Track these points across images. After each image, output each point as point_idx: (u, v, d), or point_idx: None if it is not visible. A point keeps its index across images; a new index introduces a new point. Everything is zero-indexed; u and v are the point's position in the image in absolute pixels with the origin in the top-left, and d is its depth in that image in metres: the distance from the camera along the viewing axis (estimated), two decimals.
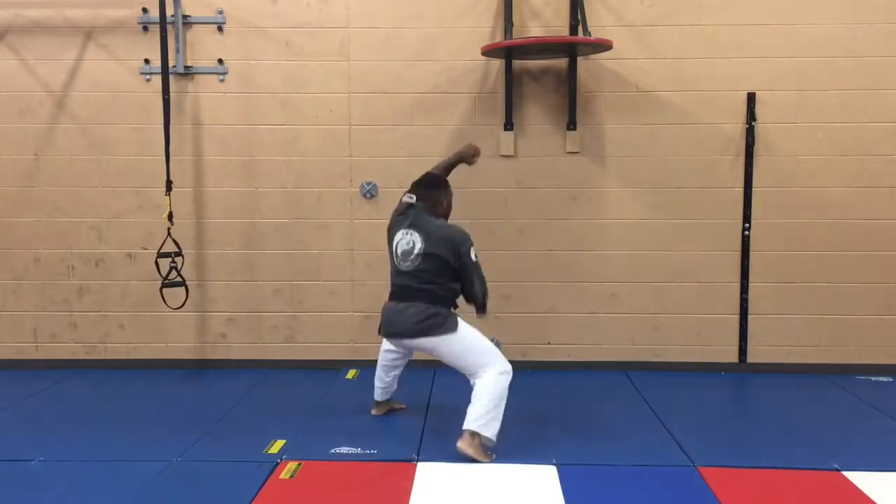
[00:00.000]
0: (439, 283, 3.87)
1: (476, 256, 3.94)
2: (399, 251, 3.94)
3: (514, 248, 5.22)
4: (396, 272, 3.97)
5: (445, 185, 4.10)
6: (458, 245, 3.86)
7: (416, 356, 5.27)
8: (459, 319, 3.91)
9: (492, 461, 3.67)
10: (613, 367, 5.22)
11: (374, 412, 4.34)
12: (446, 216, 4.08)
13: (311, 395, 4.69)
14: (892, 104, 5.03)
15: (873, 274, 5.13)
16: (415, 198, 4.02)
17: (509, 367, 3.85)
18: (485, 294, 3.98)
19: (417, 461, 3.65)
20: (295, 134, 5.19)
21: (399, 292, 3.95)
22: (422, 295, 3.86)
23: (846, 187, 5.09)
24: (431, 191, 4.04)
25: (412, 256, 3.88)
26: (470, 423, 3.71)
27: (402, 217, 4.02)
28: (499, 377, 3.78)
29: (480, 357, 3.83)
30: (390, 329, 3.99)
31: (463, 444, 3.68)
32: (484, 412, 3.71)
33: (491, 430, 3.71)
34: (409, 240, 3.91)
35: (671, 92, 5.09)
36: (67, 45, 5.16)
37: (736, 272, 5.17)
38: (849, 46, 5.01)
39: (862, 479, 3.44)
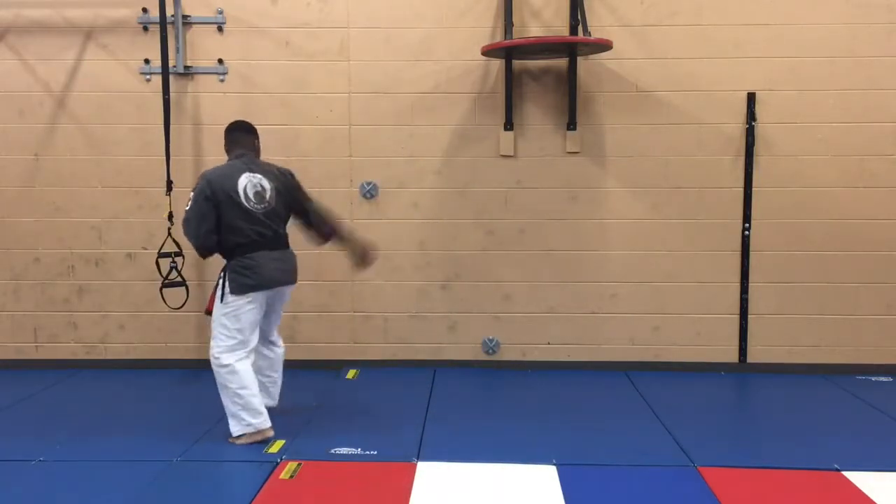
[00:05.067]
0: (285, 224, 4.01)
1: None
2: (250, 193, 3.82)
3: (514, 248, 5.22)
4: (250, 220, 3.81)
5: (255, 131, 4.14)
6: (290, 175, 4.05)
7: (419, 356, 5.29)
8: None
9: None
10: (613, 367, 5.22)
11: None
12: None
13: (311, 395, 4.69)
14: (892, 104, 5.03)
15: (873, 274, 5.13)
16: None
17: None
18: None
19: (417, 461, 3.65)
20: (295, 134, 5.19)
21: (271, 240, 3.88)
22: (285, 240, 3.99)
23: (846, 187, 5.09)
24: (251, 136, 4.08)
25: (268, 197, 3.88)
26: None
27: (233, 166, 3.91)
28: None
29: None
30: (282, 277, 3.93)
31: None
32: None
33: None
34: (256, 182, 3.87)
35: (671, 92, 5.09)
36: (67, 45, 5.16)
37: (736, 272, 5.17)
38: (849, 46, 5.01)
39: (862, 479, 3.44)
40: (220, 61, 5.15)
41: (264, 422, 3.86)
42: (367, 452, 3.75)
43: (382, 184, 5.20)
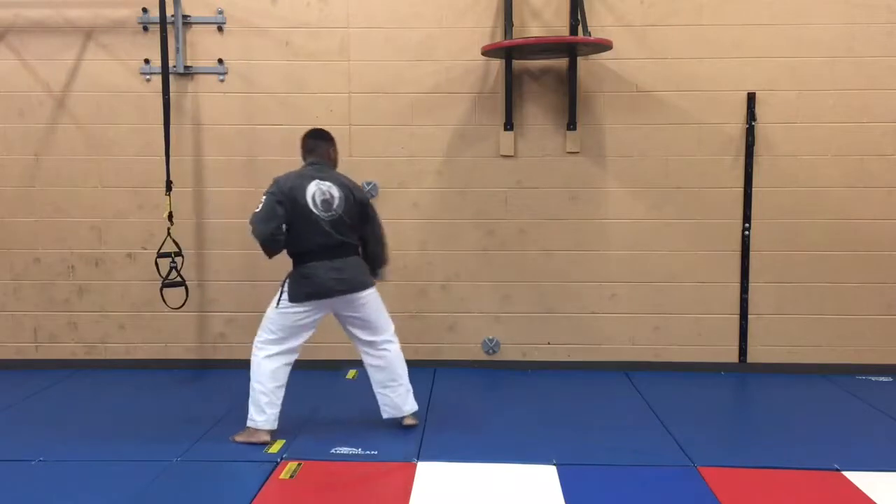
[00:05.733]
0: (356, 234, 3.98)
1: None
2: (318, 201, 3.84)
3: (514, 248, 5.22)
4: (314, 229, 3.82)
5: (331, 138, 4.13)
6: (363, 194, 4.06)
7: (419, 356, 5.28)
8: None
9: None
10: (613, 367, 5.22)
11: (265, 441, 3.87)
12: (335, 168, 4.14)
13: (311, 395, 4.69)
14: (892, 104, 5.03)
15: (873, 274, 5.13)
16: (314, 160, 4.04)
17: None
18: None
19: (417, 461, 3.65)
20: (295, 134, 5.14)
21: (333, 249, 3.86)
22: (352, 249, 3.96)
23: (846, 187, 5.09)
24: (325, 143, 4.07)
25: (335, 205, 3.86)
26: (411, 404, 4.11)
27: (304, 173, 3.94)
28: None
29: (388, 319, 4.10)
30: (337, 286, 3.84)
31: None
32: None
33: None
34: (326, 189, 3.88)
35: (671, 92, 5.09)
36: (67, 45, 5.16)
37: (736, 272, 5.17)
38: (849, 46, 5.01)
39: (862, 479, 3.44)
40: (220, 61, 5.15)
41: (263, 424, 3.85)
42: (367, 452, 3.75)
43: (382, 184, 5.19)
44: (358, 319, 3.99)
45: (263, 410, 3.85)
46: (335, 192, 3.88)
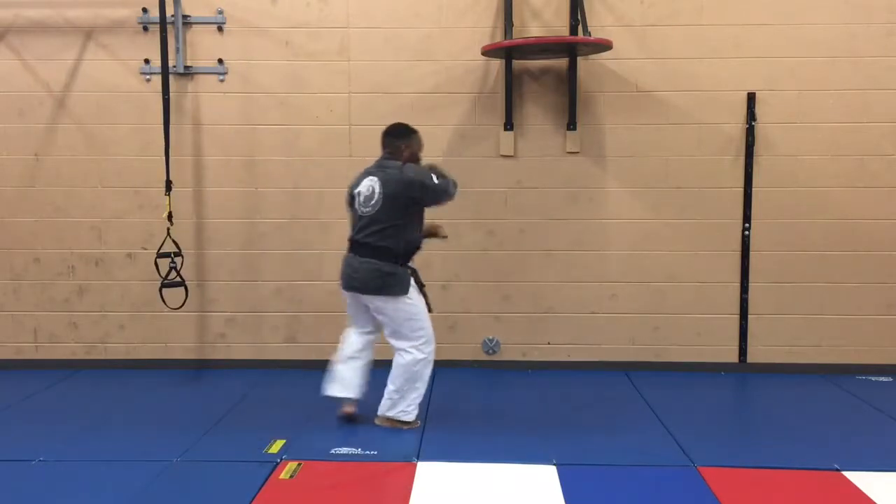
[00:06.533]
0: (396, 235, 3.92)
1: (439, 177, 3.97)
2: (361, 197, 3.99)
3: (514, 248, 5.22)
4: (354, 222, 4.06)
5: (407, 134, 4.10)
6: (414, 180, 3.90)
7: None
8: (411, 282, 4.00)
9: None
10: (613, 367, 5.22)
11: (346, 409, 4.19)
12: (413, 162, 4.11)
13: (311, 395, 4.68)
14: (892, 104, 5.04)
15: (873, 274, 5.13)
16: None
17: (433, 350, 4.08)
18: (453, 185, 4.06)
19: (417, 461, 3.65)
20: (295, 134, 5.19)
21: (358, 245, 4.01)
22: (378, 252, 3.93)
23: (846, 187, 5.09)
24: (389, 138, 4.09)
25: (373, 201, 3.93)
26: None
27: (367, 168, 4.09)
28: (426, 362, 4.05)
29: (416, 331, 4.01)
30: (348, 283, 4.06)
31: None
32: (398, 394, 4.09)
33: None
34: (372, 184, 3.94)
35: (671, 92, 5.09)
36: (67, 45, 5.17)
37: (736, 272, 5.17)
38: (849, 46, 5.01)
39: (862, 479, 3.44)
40: (220, 61, 5.15)
41: (330, 390, 4.18)
42: (367, 452, 3.75)
43: None
44: (379, 316, 4.10)
45: (332, 378, 4.19)
46: (377, 188, 3.93)
